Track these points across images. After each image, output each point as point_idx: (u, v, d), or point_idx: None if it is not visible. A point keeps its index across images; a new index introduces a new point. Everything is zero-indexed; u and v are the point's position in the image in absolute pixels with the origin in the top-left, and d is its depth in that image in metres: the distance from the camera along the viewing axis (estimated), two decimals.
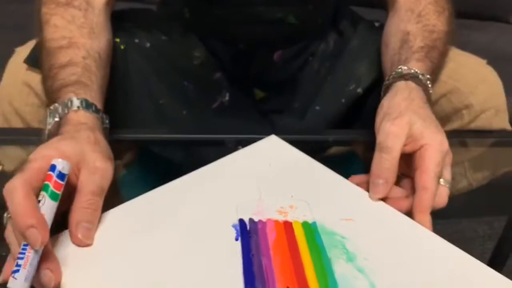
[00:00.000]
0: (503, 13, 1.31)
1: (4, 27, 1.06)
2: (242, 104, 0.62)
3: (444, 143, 0.42)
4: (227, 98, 0.62)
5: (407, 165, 0.43)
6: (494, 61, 0.61)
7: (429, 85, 0.47)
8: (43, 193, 0.33)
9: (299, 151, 0.47)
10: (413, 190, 0.41)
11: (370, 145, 0.54)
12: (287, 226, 0.38)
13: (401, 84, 0.46)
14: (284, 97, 0.63)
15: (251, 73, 0.61)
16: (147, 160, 0.66)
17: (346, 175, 0.44)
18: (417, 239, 0.37)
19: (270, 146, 0.48)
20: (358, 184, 0.43)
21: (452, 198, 0.65)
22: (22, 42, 0.56)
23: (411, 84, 0.46)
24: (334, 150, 0.62)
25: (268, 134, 0.50)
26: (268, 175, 0.43)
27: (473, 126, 0.56)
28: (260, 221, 0.38)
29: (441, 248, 0.37)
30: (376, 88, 0.47)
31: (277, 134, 0.50)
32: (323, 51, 0.62)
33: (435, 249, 0.37)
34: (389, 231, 0.38)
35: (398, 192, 0.43)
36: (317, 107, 0.61)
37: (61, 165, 0.34)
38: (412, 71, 0.47)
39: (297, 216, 0.39)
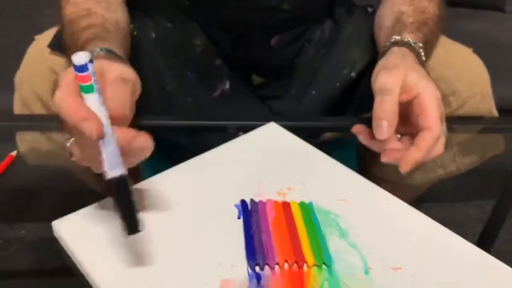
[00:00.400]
0: (499, 2, 1.33)
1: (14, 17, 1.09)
2: (242, 91, 0.64)
3: (437, 92, 0.44)
4: (227, 86, 0.64)
5: (404, 124, 0.44)
6: (485, 49, 0.64)
7: (422, 53, 0.49)
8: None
9: (297, 137, 0.50)
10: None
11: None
12: (286, 206, 0.41)
13: (394, 48, 0.49)
14: (281, 83, 0.66)
15: (250, 58, 0.63)
16: (159, 146, 0.69)
17: (340, 159, 0.47)
18: (407, 219, 0.41)
19: (269, 132, 0.51)
20: (359, 132, 0.45)
21: (444, 182, 0.68)
22: (33, 32, 0.58)
23: (404, 49, 0.48)
24: (328, 135, 0.65)
25: (267, 119, 0.53)
26: (268, 160, 0.46)
27: (461, 112, 0.58)
28: (260, 201, 0.41)
29: (429, 228, 0.40)
30: (369, 72, 0.50)
31: (275, 119, 0.52)
32: (319, 38, 0.65)
33: (423, 229, 0.40)
34: (380, 211, 0.41)
35: (398, 144, 0.44)
36: (313, 92, 0.64)
37: (77, 59, 0.33)
38: (405, 40, 0.49)
39: (294, 197, 0.42)
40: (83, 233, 0.37)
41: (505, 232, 0.74)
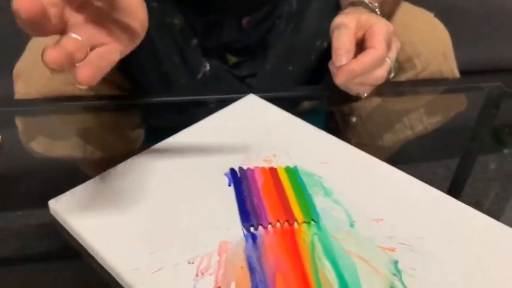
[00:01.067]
0: None
1: None
2: (220, 72, 0.66)
3: (390, 25, 0.47)
4: (208, 68, 0.66)
5: None
6: (445, 13, 0.67)
7: (377, 12, 0.52)
8: None
9: (276, 107, 0.52)
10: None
11: (336, 97, 0.61)
12: (273, 171, 0.43)
13: (350, 8, 0.51)
14: (256, 61, 0.68)
15: (223, 40, 0.65)
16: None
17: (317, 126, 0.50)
18: (384, 175, 0.44)
19: (250, 104, 0.53)
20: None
21: (412, 143, 0.73)
22: None
23: (359, 7, 0.51)
24: (306, 104, 0.68)
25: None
26: (251, 130, 0.49)
27: (425, 73, 0.62)
28: (248, 168, 0.43)
29: (404, 181, 0.44)
30: None
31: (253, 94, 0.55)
32: (288, 12, 0.66)
33: (399, 182, 0.43)
34: (359, 170, 0.44)
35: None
36: (290, 68, 0.66)
37: None
38: (361, 0, 0.52)
39: (280, 163, 0.44)
40: (81, 209, 0.39)
41: (469, 187, 0.80)
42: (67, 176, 0.51)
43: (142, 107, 0.60)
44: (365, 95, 0.52)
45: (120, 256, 0.35)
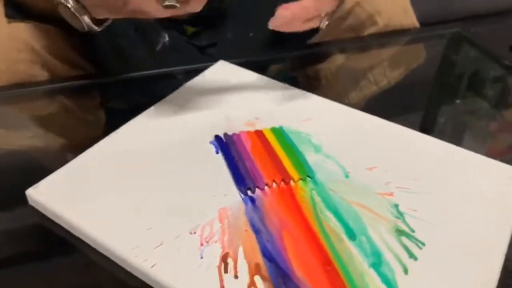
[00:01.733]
0: None
1: None
2: (180, 43, 0.63)
3: None
4: (167, 39, 0.63)
5: None
6: None
7: None
8: None
9: (250, 71, 0.51)
10: None
11: (301, 60, 0.60)
12: (259, 133, 0.42)
13: None
14: (215, 30, 0.65)
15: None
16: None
17: None
18: (369, 125, 0.44)
19: (221, 70, 0.51)
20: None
21: (376, 99, 0.74)
22: None
23: None
24: (274, 67, 0.67)
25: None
26: (228, 96, 0.47)
27: (387, 29, 0.63)
28: (234, 134, 0.42)
29: (388, 128, 0.44)
30: None
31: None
32: None
33: (383, 129, 0.44)
34: (344, 123, 0.44)
35: None
36: (251, 34, 0.64)
37: None
38: None
39: (264, 125, 0.43)
40: (65, 194, 0.36)
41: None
42: (35, 167, 0.48)
43: (103, 86, 0.56)
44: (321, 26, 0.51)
45: (116, 237, 0.33)
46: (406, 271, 0.31)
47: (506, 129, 0.55)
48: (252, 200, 0.36)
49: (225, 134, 0.42)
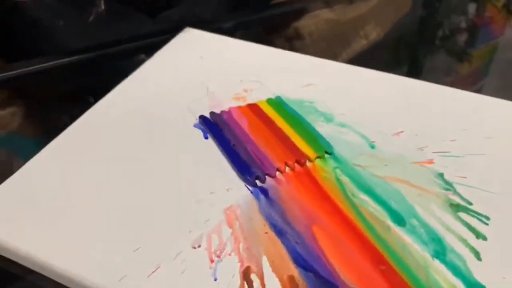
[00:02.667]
0: None
1: None
2: (121, 10, 0.53)
3: None
4: (103, 7, 0.53)
5: None
6: None
7: None
8: None
9: (224, 36, 0.42)
10: None
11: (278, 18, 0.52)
12: (254, 107, 0.34)
13: None
14: None
15: None
16: None
17: None
18: (380, 83, 0.37)
19: (190, 38, 0.42)
20: None
21: (365, 55, 0.67)
22: None
23: None
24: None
25: (167, 31, 0.44)
26: (205, 66, 0.38)
27: None
28: (222, 111, 0.34)
29: (403, 83, 0.37)
30: None
31: (175, 29, 0.44)
32: None
33: (399, 86, 0.36)
34: (350, 83, 0.37)
35: None
36: None
37: None
38: None
39: (257, 97, 0.35)
40: (8, 219, 0.27)
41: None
42: None
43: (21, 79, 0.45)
44: None
45: (93, 267, 0.24)
46: (478, 256, 0.24)
47: None
48: (264, 192, 0.28)
49: (212, 113, 0.33)
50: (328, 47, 0.58)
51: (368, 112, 0.34)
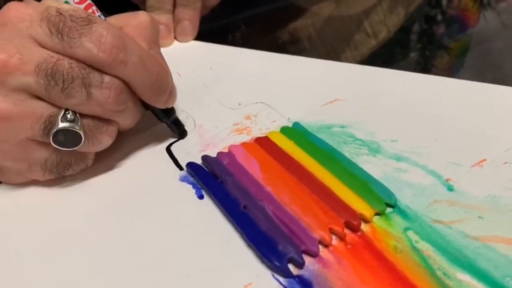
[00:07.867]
0: None
1: None
2: None
3: None
4: None
5: None
6: None
7: None
8: None
9: (214, 44, 0.32)
10: None
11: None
12: (264, 143, 0.23)
13: None
14: None
15: None
16: None
17: None
18: (421, 86, 0.27)
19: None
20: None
21: (374, 57, 0.58)
22: None
23: None
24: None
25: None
26: (193, 86, 0.28)
27: None
28: (220, 153, 0.23)
29: (448, 85, 0.27)
30: None
31: None
32: None
33: (446, 90, 0.27)
34: (390, 94, 0.27)
35: None
36: None
37: None
38: None
39: (265, 126, 0.25)
40: None
41: None
42: None
43: None
44: None
45: None
46: None
47: None
48: (305, 282, 0.17)
49: (205, 158, 0.23)
50: (331, 47, 0.48)
51: (427, 135, 0.24)
